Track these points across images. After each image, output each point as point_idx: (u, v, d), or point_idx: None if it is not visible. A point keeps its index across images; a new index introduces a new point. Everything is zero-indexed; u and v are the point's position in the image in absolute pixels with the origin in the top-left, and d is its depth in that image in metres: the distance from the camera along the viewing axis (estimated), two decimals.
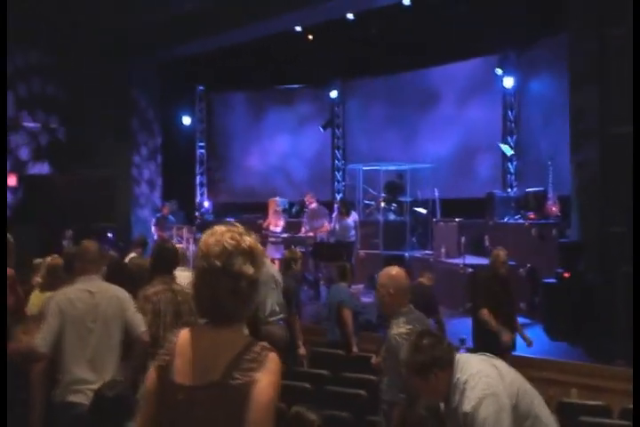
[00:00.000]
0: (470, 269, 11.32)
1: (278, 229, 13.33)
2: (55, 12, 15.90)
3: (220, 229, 2.45)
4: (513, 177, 15.04)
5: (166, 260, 5.28)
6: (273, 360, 2.31)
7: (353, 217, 13.46)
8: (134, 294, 4.96)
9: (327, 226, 13.26)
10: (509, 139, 15.08)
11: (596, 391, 7.42)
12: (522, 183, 14.49)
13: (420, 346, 3.34)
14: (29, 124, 17.63)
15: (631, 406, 5.65)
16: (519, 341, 7.70)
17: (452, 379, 3.32)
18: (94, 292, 4.74)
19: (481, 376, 3.28)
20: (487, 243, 11.28)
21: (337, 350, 7.81)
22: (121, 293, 4.84)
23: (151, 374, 2.42)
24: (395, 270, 4.84)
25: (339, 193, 17.84)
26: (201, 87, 18.93)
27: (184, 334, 2.41)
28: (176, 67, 17.38)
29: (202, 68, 17.63)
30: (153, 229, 15.07)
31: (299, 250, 9.88)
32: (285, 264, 8.69)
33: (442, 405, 3.46)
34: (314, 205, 13.53)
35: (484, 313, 7.49)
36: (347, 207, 13.51)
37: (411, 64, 16.17)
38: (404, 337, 4.41)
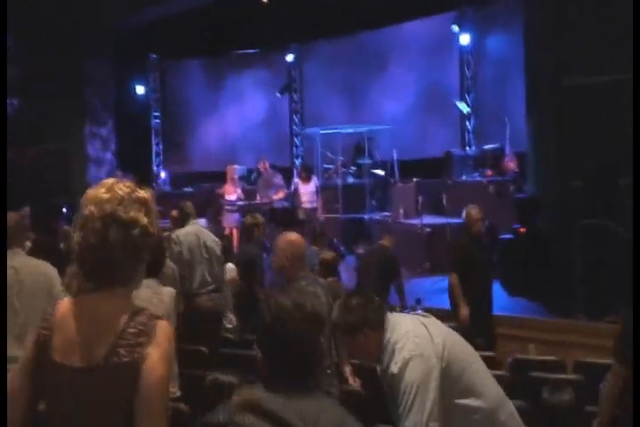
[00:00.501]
0: (428, 229, 11.17)
1: (233, 198, 13.05)
2: None
3: (110, 180, 2.22)
4: (471, 136, 14.86)
5: None
6: (162, 330, 2.06)
7: (314, 182, 13.19)
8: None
9: (283, 192, 13.02)
10: (467, 97, 14.87)
11: (555, 346, 7.32)
12: (480, 142, 14.31)
13: (350, 306, 3.23)
14: None
15: (586, 359, 5.56)
16: None
17: (383, 340, 3.19)
18: (17, 267, 4.48)
19: (409, 337, 3.14)
20: (445, 202, 11.11)
21: None
22: (50, 269, 4.60)
23: (26, 352, 2.15)
24: (293, 236, 4.81)
25: (297, 158, 17.58)
26: (154, 56, 18.43)
27: (65, 305, 2.14)
28: (128, 36, 16.91)
29: (154, 36, 17.13)
30: None
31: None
32: (247, 231, 8.43)
33: (378, 367, 3.29)
34: (268, 170, 13.26)
35: (452, 277, 7.26)
36: (307, 172, 13.24)
37: (367, 24, 15.84)
38: None
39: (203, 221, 13.00)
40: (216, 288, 6.82)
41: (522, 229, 9.22)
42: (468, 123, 14.85)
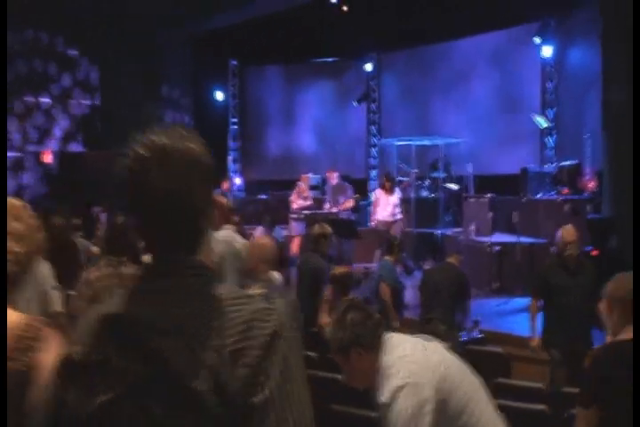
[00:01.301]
0: (497, 248, 10.76)
1: (301, 206, 12.91)
2: None
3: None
4: (552, 152, 14.33)
5: (121, 239, 4.69)
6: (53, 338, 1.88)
7: (397, 193, 12.77)
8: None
9: (351, 202, 12.79)
10: (549, 111, 14.37)
11: None
12: (561, 158, 13.78)
13: (344, 321, 2.93)
14: (45, 100, 17.53)
15: None
16: None
17: (379, 362, 2.85)
18: None
19: (405, 362, 2.79)
20: (515, 219, 10.68)
21: None
22: (45, 269, 4.50)
23: None
24: (264, 240, 4.78)
25: (373, 169, 17.33)
26: (234, 62, 18.52)
27: None
28: (208, 41, 17.03)
29: (235, 42, 17.21)
30: None
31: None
32: (314, 241, 8.22)
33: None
34: (335, 180, 13.04)
35: (532, 304, 6.60)
36: (392, 182, 12.72)
37: (447, 34, 15.54)
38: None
39: (260, 229, 12.92)
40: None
41: (594, 252, 8.75)
42: (548, 138, 14.33)
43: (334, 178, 13.03)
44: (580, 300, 5.99)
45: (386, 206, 12.52)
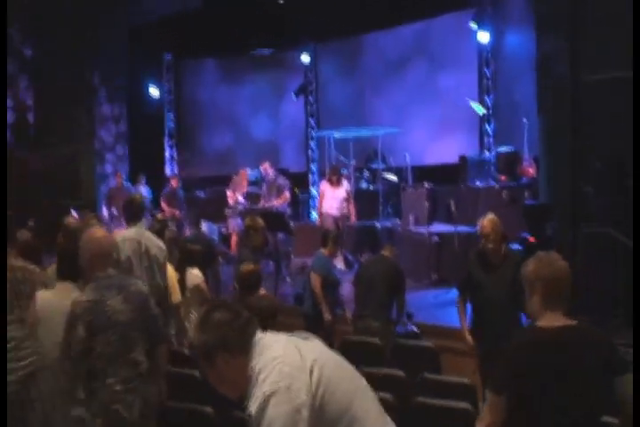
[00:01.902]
0: (436, 238, 10.48)
1: (230, 202, 12.55)
2: None
3: None
4: (491, 139, 14.10)
5: None
6: None
7: (345, 186, 12.22)
8: None
9: (287, 195, 12.41)
10: (487, 98, 14.13)
11: None
12: (501, 145, 13.55)
13: (208, 323, 2.52)
14: None
15: None
16: None
17: (249, 367, 2.47)
18: None
19: (276, 365, 2.41)
20: (453, 209, 10.41)
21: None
22: None
23: None
24: (98, 233, 4.22)
25: (313, 162, 16.97)
26: (168, 56, 17.99)
27: None
28: (143, 34, 16.50)
29: (169, 35, 16.70)
30: (162, 204, 14.00)
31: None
32: (245, 234, 7.97)
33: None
34: (270, 174, 12.63)
35: (459, 299, 6.15)
36: (338, 175, 12.21)
37: (382, 22, 15.23)
38: (84, 305, 3.91)
39: (206, 225, 12.52)
40: (156, 301, 6.11)
41: (531, 239, 8.50)
42: (487, 125, 14.10)
43: (269, 172, 12.62)
44: (502, 295, 5.58)
45: (332, 199, 12.12)
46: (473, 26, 13.71)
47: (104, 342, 3.87)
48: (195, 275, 7.34)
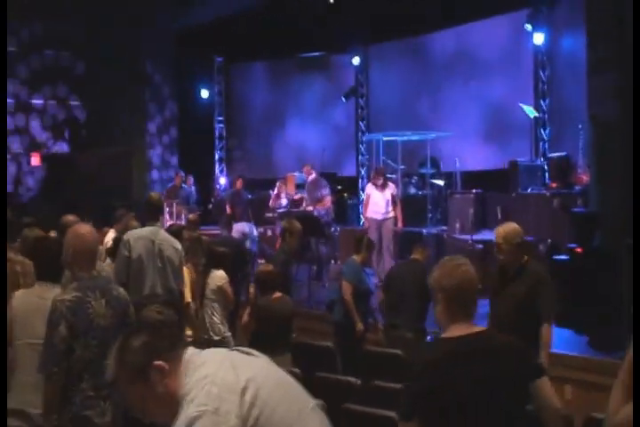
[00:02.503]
0: (480, 246, 10.07)
1: (271, 204, 12.33)
2: None
3: None
4: (546, 145, 13.59)
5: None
6: None
7: (391, 189, 11.75)
8: None
9: (329, 199, 12.13)
10: (542, 102, 13.63)
11: (595, 390, 6.18)
12: (556, 151, 13.04)
13: (131, 342, 2.23)
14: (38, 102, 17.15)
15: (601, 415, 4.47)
16: None
17: (178, 387, 2.18)
18: None
19: (205, 385, 2.13)
20: (500, 216, 9.99)
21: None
22: None
23: None
24: (83, 229, 3.99)
25: (363, 167, 16.65)
26: (219, 59, 17.92)
27: None
28: (192, 37, 16.47)
29: (219, 38, 16.64)
30: (227, 205, 13.82)
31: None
32: (280, 236, 7.76)
33: None
34: (312, 176, 12.35)
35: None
36: (383, 177, 11.68)
37: (435, 25, 14.88)
38: (66, 304, 3.68)
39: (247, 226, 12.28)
40: (169, 302, 5.88)
41: (578, 250, 8.05)
42: (541, 131, 13.61)
43: (310, 174, 12.35)
44: (510, 311, 5.17)
45: (377, 203, 11.75)
46: (528, 27, 13.27)
47: (83, 346, 3.69)
48: (219, 276, 7.17)
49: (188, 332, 6.31)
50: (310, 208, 11.87)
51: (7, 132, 16.41)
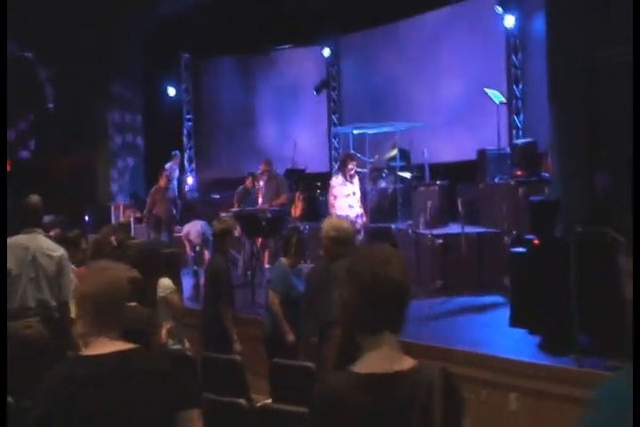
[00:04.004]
0: (440, 241, 9.38)
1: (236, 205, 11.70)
2: None
3: None
4: (520, 132, 12.91)
5: None
6: None
7: (357, 183, 10.87)
8: None
9: (284, 197, 11.46)
10: (515, 88, 12.95)
11: (544, 398, 5.48)
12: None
13: None
14: None
15: None
16: None
17: None
18: None
19: None
20: (460, 208, 9.30)
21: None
22: None
23: None
24: None
25: (336, 162, 15.96)
26: (186, 55, 17.28)
27: None
28: (158, 33, 15.88)
29: (185, 34, 16.03)
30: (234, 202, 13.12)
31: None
32: (217, 238, 7.08)
33: None
34: (265, 174, 11.66)
35: None
36: (352, 166, 10.66)
37: (404, 12, 14.24)
38: None
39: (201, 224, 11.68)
40: (42, 315, 5.22)
41: (535, 241, 7.36)
42: (515, 117, 12.92)
43: (265, 171, 11.66)
44: None
45: (349, 196, 10.80)
46: (498, 9, 12.62)
47: None
48: (162, 286, 6.51)
49: None
50: (265, 206, 11.16)
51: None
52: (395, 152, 12.32)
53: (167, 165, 14.66)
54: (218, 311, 6.55)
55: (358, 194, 10.97)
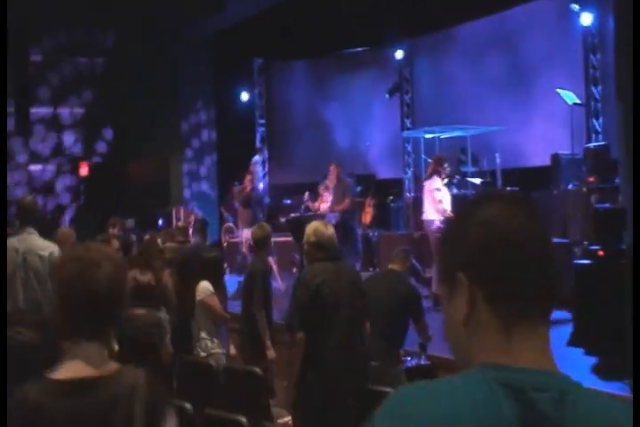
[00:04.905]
0: None
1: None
2: None
3: None
4: (600, 136, 12.26)
5: None
6: None
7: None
8: None
9: (348, 202, 11.13)
10: (594, 89, 12.33)
11: None
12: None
13: None
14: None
15: None
16: None
17: None
18: None
19: None
20: None
21: None
22: None
23: None
24: None
25: (409, 168, 15.59)
26: (259, 60, 17.20)
27: None
28: (228, 39, 15.84)
29: (256, 39, 15.94)
30: None
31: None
32: (255, 243, 6.93)
33: None
34: (334, 178, 11.35)
35: None
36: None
37: (477, 11, 13.77)
38: None
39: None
40: (33, 321, 5.09)
41: (600, 253, 6.87)
42: (594, 120, 12.29)
43: (333, 175, 11.37)
44: None
45: (443, 200, 9.68)
46: (574, 7, 12.03)
47: None
48: (200, 289, 6.42)
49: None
50: (324, 211, 10.89)
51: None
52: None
53: (254, 160, 14.18)
54: (252, 315, 6.30)
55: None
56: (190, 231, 8.91)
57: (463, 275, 1.17)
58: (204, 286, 6.43)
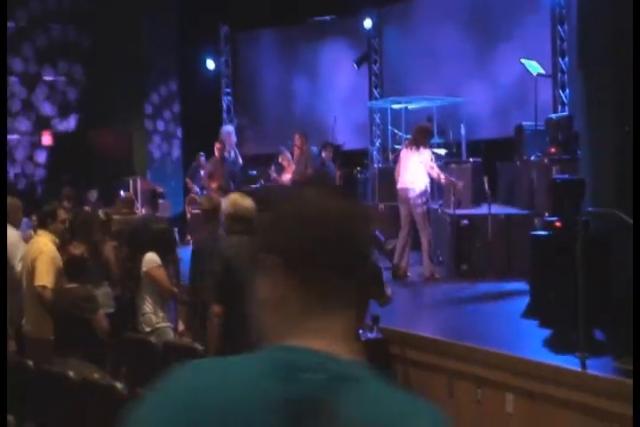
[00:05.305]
0: (465, 222, 8.86)
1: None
2: None
3: None
4: (567, 108, 12.17)
5: None
6: None
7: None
8: None
9: (309, 172, 11.01)
10: (560, 61, 12.22)
11: (541, 401, 4.97)
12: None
13: None
14: (50, 78, 16.60)
15: None
16: None
17: None
18: None
19: None
20: (487, 187, 8.75)
21: None
22: None
23: None
24: None
25: (377, 139, 15.42)
26: (225, 27, 16.88)
27: None
28: (194, 6, 15.52)
29: (224, 6, 15.63)
30: None
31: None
32: (203, 215, 6.94)
33: None
34: (299, 148, 11.20)
35: None
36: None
37: None
38: None
39: None
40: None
41: (557, 224, 6.81)
42: (560, 92, 12.20)
43: (298, 146, 11.21)
44: None
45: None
46: None
47: None
48: (146, 260, 6.30)
49: None
50: (287, 181, 10.75)
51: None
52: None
53: (225, 129, 13.88)
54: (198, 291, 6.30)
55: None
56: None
57: (271, 257, 1.19)
58: (150, 258, 6.31)
